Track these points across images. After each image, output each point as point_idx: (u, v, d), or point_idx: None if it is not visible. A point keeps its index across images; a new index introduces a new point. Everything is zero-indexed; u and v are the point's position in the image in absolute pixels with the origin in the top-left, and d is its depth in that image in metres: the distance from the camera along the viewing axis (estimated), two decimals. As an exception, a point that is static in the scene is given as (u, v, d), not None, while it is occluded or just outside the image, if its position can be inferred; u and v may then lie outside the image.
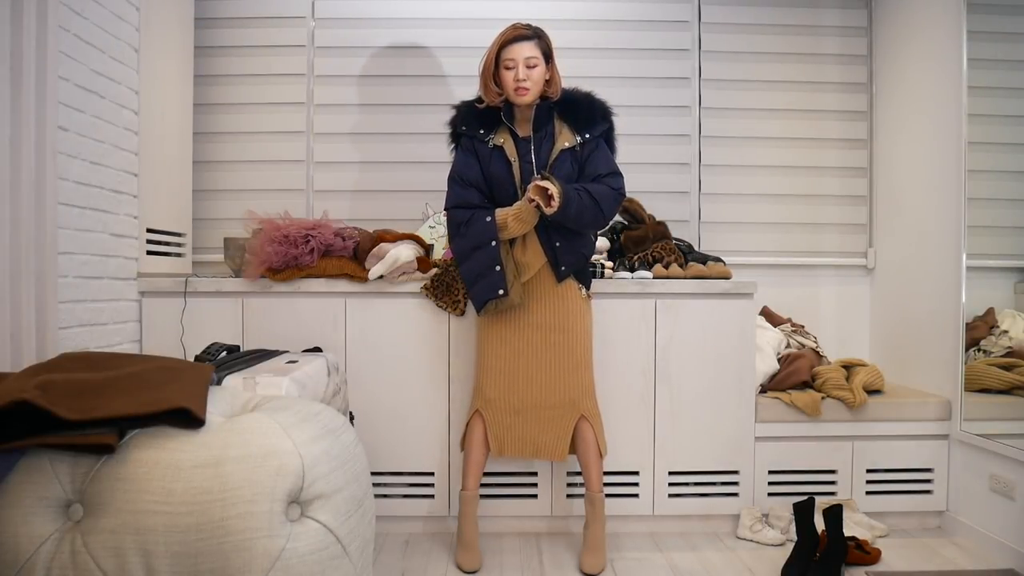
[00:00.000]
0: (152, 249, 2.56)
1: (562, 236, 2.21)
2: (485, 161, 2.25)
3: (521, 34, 2.14)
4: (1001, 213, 2.59)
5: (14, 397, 1.14)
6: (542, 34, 2.18)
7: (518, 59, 2.12)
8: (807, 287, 3.23)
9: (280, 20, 3.11)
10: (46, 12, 1.83)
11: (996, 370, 2.48)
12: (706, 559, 2.36)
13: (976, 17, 2.53)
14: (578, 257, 2.27)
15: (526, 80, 2.13)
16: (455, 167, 2.29)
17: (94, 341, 2.20)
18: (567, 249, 2.23)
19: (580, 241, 2.27)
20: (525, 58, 2.12)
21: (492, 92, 2.20)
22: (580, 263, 2.30)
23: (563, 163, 2.20)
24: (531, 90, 2.15)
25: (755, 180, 3.20)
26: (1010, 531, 2.32)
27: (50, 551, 1.16)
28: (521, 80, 2.12)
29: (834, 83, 3.21)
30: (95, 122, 2.18)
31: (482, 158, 2.25)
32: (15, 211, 1.75)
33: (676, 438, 2.57)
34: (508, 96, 2.19)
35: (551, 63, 2.20)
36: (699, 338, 2.56)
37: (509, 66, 2.14)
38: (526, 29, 2.16)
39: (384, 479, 2.54)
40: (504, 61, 2.15)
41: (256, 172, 3.12)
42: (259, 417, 1.29)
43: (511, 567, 2.29)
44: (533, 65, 2.13)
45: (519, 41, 2.13)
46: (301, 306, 2.52)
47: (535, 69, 2.14)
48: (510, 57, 2.13)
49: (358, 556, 1.30)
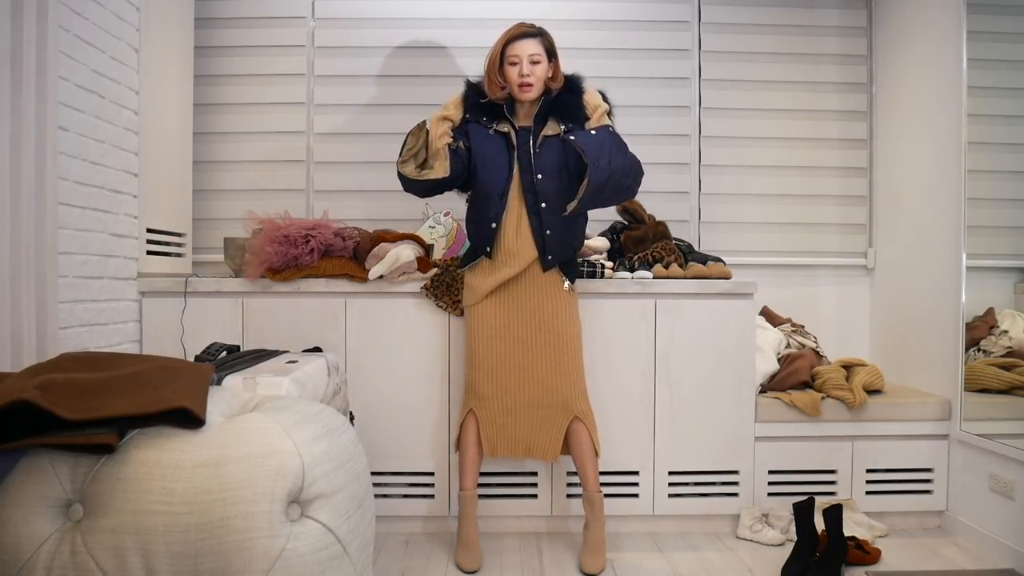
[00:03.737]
0: (152, 249, 2.56)
1: (553, 226, 2.25)
2: (479, 140, 2.29)
3: (525, 31, 2.21)
4: (1001, 213, 2.59)
5: (14, 397, 1.14)
6: (545, 32, 2.26)
7: (522, 56, 2.19)
8: (807, 287, 3.23)
9: (280, 20, 3.11)
10: (46, 12, 1.83)
11: (996, 370, 2.48)
12: (706, 559, 2.36)
13: (976, 17, 2.53)
14: (565, 249, 2.32)
15: (530, 76, 2.20)
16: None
17: (94, 341, 2.20)
18: (556, 239, 2.26)
19: (570, 232, 2.32)
20: (529, 55, 2.19)
21: (496, 87, 2.25)
22: (567, 254, 2.34)
23: (549, 149, 2.24)
24: (534, 86, 2.21)
25: (755, 180, 3.20)
26: (1010, 531, 2.32)
27: (50, 551, 1.16)
28: (525, 76, 2.19)
29: (834, 83, 3.21)
30: (95, 122, 2.18)
31: (475, 136, 2.29)
32: (15, 211, 1.75)
33: (676, 438, 2.57)
34: (512, 92, 2.25)
35: (554, 59, 2.25)
36: (699, 338, 2.56)
37: (514, 62, 2.20)
38: (530, 27, 2.23)
39: (384, 479, 2.54)
40: (509, 57, 2.21)
41: (256, 172, 3.12)
42: (259, 417, 1.29)
43: (511, 567, 2.29)
44: (537, 61, 2.20)
45: (523, 38, 2.20)
46: (301, 306, 2.52)
47: (538, 66, 2.20)
48: (515, 54, 2.20)
49: (358, 556, 1.30)
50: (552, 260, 2.28)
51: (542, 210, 2.24)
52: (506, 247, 2.28)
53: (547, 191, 2.23)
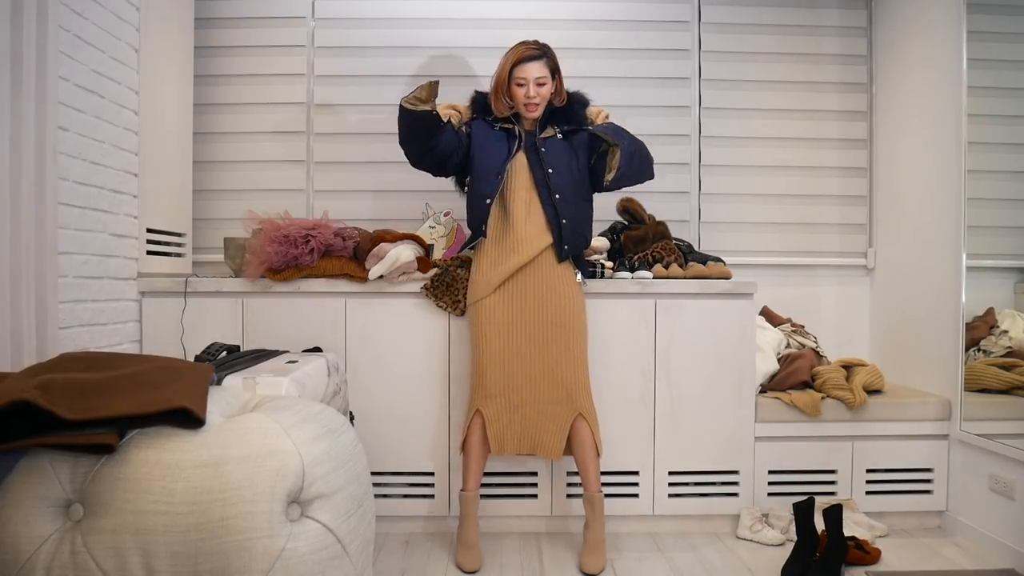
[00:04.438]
0: (152, 249, 2.56)
1: (568, 215, 2.32)
2: (482, 132, 2.38)
3: (532, 53, 2.29)
4: (1001, 213, 2.59)
5: (14, 397, 1.14)
6: (549, 52, 2.34)
7: (529, 78, 2.29)
8: (807, 287, 3.23)
9: (280, 20, 3.11)
10: (46, 12, 1.83)
11: (996, 370, 2.48)
12: (706, 559, 2.36)
13: (976, 17, 2.53)
14: (580, 239, 2.39)
15: (536, 97, 2.31)
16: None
17: (94, 341, 2.20)
18: (571, 228, 2.33)
19: (584, 223, 2.39)
20: (535, 78, 2.29)
21: (503, 107, 2.36)
22: (581, 246, 2.40)
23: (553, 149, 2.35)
24: (540, 105, 2.33)
25: (755, 180, 3.20)
26: (1010, 531, 2.32)
27: (50, 551, 1.16)
28: (532, 97, 2.30)
29: (834, 83, 3.21)
30: (95, 122, 2.18)
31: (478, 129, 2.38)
32: (15, 211, 1.75)
33: (676, 438, 2.57)
34: (518, 110, 2.36)
35: (558, 77, 2.35)
36: (699, 338, 2.56)
37: (521, 83, 2.31)
38: (535, 48, 2.31)
39: (384, 479, 2.54)
40: (516, 79, 2.30)
41: (256, 172, 3.12)
42: (259, 417, 1.29)
43: (511, 567, 2.29)
44: (542, 83, 2.30)
45: (530, 60, 2.29)
46: (301, 306, 2.52)
47: (544, 87, 2.31)
48: (522, 76, 2.29)
49: (358, 556, 1.30)
50: (568, 250, 2.33)
51: (556, 201, 2.31)
52: (515, 234, 2.32)
53: (560, 184, 2.33)
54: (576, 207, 2.35)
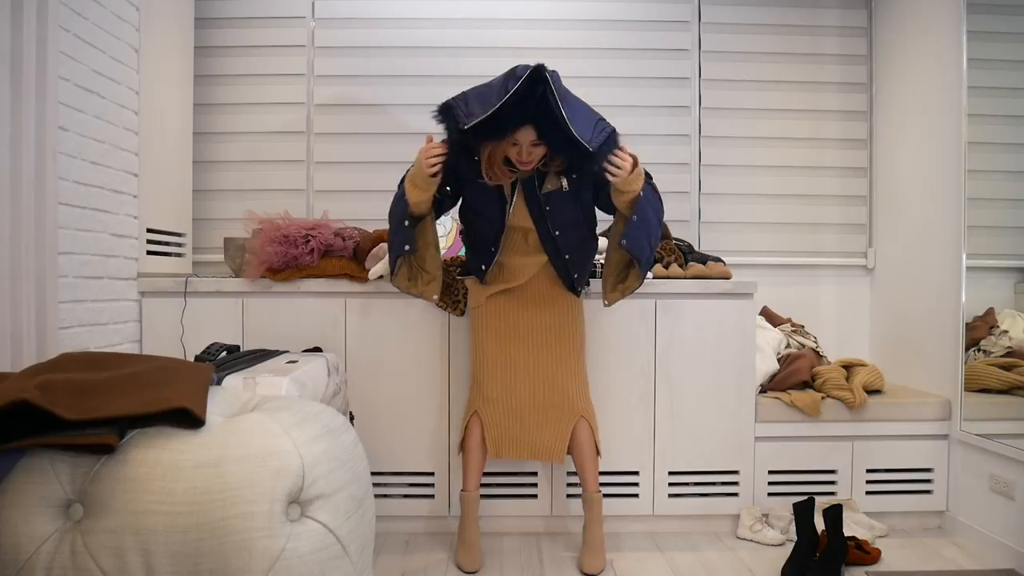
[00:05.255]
0: (152, 249, 2.56)
1: (571, 249, 2.25)
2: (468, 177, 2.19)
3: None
4: (1001, 213, 2.59)
5: (14, 397, 1.14)
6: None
7: (523, 142, 2.08)
8: (807, 287, 3.24)
9: (280, 20, 3.11)
10: (46, 12, 1.83)
11: (996, 370, 2.48)
12: (706, 559, 2.36)
13: (976, 17, 2.53)
14: (587, 268, 2.35)
15: (530, 156, 2.10)
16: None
17: (94, 341, 2.20)
18: (576, 262, 2.27)
19: (587, 253, 2.33)
20: (530, 140, 2.07)
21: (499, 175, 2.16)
22: (588, 270, 2.38)
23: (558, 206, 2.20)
24: (533, 162, 2.13)
25: (755, 180, 3.20)
26: (1010, 531, 2.32)
27: (50, 551, 1.16)
28: (525, 160, 2.11)
29: (834, 83, 3.21)
30: (95, 122, 2.18)
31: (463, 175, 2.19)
32: (15, 211, 1.75)
33: (676, 438, 2.57)
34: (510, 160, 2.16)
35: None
36: (699, 338, 2.56)
37: (515, 143, 2.09)
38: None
39: (384, 479, 2.54)
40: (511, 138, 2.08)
41: (256, 172, 3.12)
42: (259, 417, 1.29)
43: (511, 567, 2.29)
44: (537, 145, 2.09)
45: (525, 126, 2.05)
46: (301, 306, 2.52)
47: (538, 148, 2.10)
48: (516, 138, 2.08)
49: (358, 556, 1.30)
50: (579, 279, 2.30)
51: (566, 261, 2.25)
52: (511, 268, 2.29)
53: (568, 245, 2.24)
54: (582, 255, 2.29)
